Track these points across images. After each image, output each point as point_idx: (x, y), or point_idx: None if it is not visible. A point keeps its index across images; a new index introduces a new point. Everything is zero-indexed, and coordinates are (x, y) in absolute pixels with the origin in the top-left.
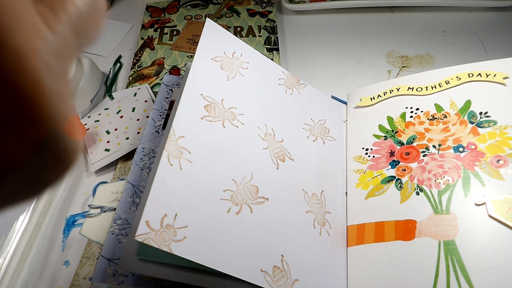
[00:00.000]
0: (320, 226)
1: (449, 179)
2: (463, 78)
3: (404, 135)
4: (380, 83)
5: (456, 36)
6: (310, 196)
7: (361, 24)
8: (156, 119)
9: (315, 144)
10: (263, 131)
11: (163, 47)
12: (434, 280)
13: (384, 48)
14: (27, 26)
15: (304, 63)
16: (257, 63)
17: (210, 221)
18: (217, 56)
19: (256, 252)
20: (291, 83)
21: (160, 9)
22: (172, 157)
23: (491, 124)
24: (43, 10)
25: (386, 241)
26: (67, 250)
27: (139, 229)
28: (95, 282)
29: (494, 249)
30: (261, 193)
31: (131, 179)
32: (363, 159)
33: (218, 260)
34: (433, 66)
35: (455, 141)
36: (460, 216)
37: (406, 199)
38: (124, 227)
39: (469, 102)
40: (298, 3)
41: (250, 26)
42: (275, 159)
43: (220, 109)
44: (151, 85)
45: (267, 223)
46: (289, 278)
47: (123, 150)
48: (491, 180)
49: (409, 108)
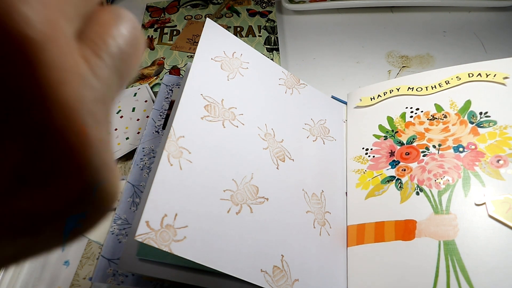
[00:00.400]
0: (320, 226)
1: (449, 179)
2: (463, 78)
3: (404, 135)
4: (380, 83)
5: (456, 36)
6: (310, 196)
7: (361, 24)
8: (156, 119)
9: (315, 144)
10: (263, 131)
11: (163, 47)
12: (434, 280)
13: (384, 48)
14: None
15: (304, 63)
16: (257, 63)
17: (210, 221)
18: (217, 56)
19: (256, 252)
20: (291, 83)
21: (160, 9)
22: (172, 157)
23: (491, 124)
24: (87, 54)
25: (386, 241)
26: (67, 250)
27: (139, 229)
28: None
29: (494, 249)
30: (261, 193)
31: (131, 179)
32: (363, 159)
33: (218, 260)
34: (433, 66)
35: (455, 141)
36: (460, 216)
37: (406, 199)
38: (124, 227)
39: (469, 102)
40: (298, 3)
41: (250, 26)
42: (275, 159)
43: (220, 109)
44: (151, 85)
45: (267, 223)
46: (289, 278)
47: (123, 150)
48: (491, 180)
49: (409, 108)
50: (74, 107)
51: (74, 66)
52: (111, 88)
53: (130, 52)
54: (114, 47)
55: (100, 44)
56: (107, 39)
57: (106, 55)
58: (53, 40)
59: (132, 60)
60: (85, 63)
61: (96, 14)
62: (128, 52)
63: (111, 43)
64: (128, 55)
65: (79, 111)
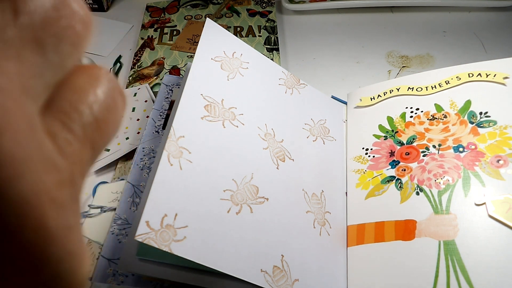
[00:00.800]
0: (320, 226)
1: (449, 179)
2: (463, 78)
3: (404, 135)
4: (380, 83)
5: (456, 36)
6: (310, 196)
7: (361, 24)
8: (156, 119)
9: (315, 144)
10: (263, 131)
11: (163, 47)
12: (434, 280)
13: (384, 48)
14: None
15: (304, 63)
16: (257, 63)
17: (210, 221)
18: (217, 56)
19: (256, 252)
20: (291, 83)
21: (160, 9)
22: (172, 157)
23: (491, 124)
24: (55, 129)
25: (386, 241)
26: None
27: (139, 229)
28: (95, 282)
29: (494, 249)
30: (261, 193)
31: (131, 179)
32: (363, 159)
33: (218, 260)
34: (433, 66)
35: (455, 141)
36: (460, 216)
37: (406, 199)
38: (124, 227)
39: (469, 102)
40: (298, 3)
41: (250, 26)
42: (275, 159)
43: (220, 109)
44: (151, 85)
45: (267, 223)
46: (289, 278)
47: (123, 150)
48: (491, 180)
49: (409, 108)
50: (31, 201)
51: (35, 150)
52: (81, 163)
53: (106, 118)
54: (88, 116)
55: (71, 114)
56: (80, 108)
57: (77, 126)
58: (8, 129)
59: (109, 126)
60: (51, 141)
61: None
62: (104, 118)
63: (84, 111)
64: (104, 122)
65: (37, 203)
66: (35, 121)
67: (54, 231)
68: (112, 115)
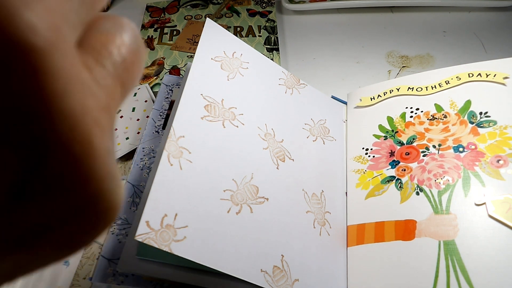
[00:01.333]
0: (320, 226)
1: (449, 179)
2: (463, 78)
3: (404, 135)
4: (380, 83)
5: (456, 36)
6: (310, 196)
7: (361, 24)
8: (156, 119)
9: (315, 144)
10: (263, 131)
11: (163, 47)
12: (434, 280)
13: (384, 48)
14: (78, 85)
15: (304, 63)
16: (257, 63)
17: (210, 221)
18: (217, 56)
19: (256, 252)
20: (291, 83)
21: (160, 9)
22: (172, 157)
23: (491, 124)
24: (89, 63)
25: (386, 241)
26: None
27: (139, 229)
28: (95, 282)
29: (494, 249)
30: (261, 193)
31: (131, 179)
32: (363, 159)
33: (218, 260)
34: (433, 66)
35: (455, 141)
36: (460, 216)
37: (406, 199)
38: (124, 227)
39: (469, 102)
40: (298, 3)
41: (250, 26)
42: (275, 159)
43: (220, 109)
44: (151, 85)
45: (267, 223)
46: (289, 278)
47: (123, 150)
48: (491, 180)
49: (409, 108)
50: (79, 117)
51: (77, 75)
52: (114, 97)
53: (132, 61)
54: (117, 56)
55: (103, 52)
56: (110, 48)
57: (109, 64)
58: (58, 48)
59: (134, 69)
60: (88, 71)
61: (97, 22)
62: (130, 61)
63: (114, 52)
64: (130, 64)
65: (84, 120)
66: (75, 49)
67: (98, 148)
68: (136, 59)
